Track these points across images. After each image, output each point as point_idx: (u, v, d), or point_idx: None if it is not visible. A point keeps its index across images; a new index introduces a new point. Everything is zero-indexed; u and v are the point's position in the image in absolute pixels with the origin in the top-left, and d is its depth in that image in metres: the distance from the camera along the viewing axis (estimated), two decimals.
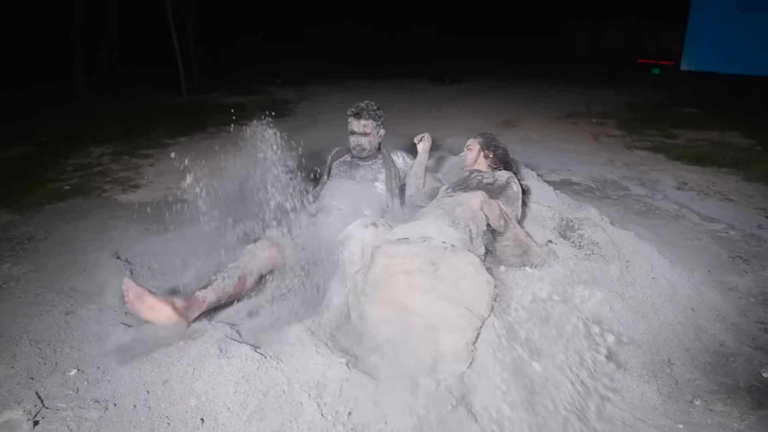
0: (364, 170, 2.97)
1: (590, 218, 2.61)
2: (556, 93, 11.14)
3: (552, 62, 19.47)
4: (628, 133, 6.65)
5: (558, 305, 1.89)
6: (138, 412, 1.58)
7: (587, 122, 7.53)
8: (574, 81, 13.65)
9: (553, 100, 9.89)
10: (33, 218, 3.48)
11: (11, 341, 2.01)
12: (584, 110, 8.66)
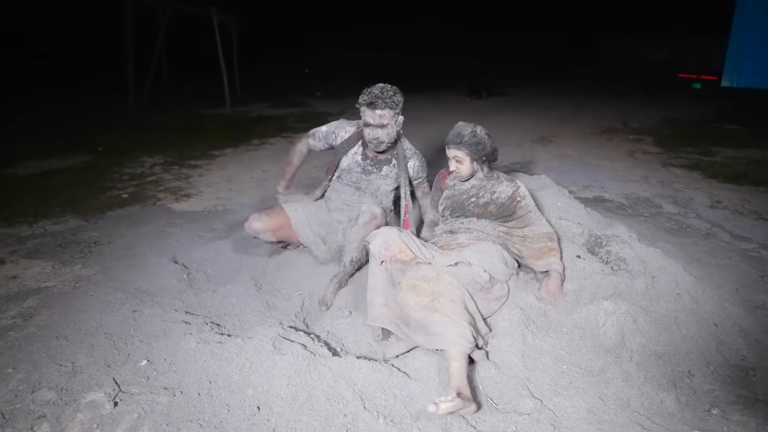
0: (377, 179, 2.81)
1: (618, 235, 2.72)
2: (593, 108, 11.15)
3: (590, 76, 19.35)
4: (665, 150, 6.66)
5: None
6: (202, 399, 1.79)
7: (624, 138, 7.56)
8: (612, 95, 13.60)
9: (590, 115, 9.92)
10: (97, 224, 3.79)
11: (88, 334, 2.26)
12: (621, 126, 8.68)
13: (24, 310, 2.55)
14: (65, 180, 5.13)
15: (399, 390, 1.82)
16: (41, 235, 3.60)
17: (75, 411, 1.78)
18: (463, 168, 2.44)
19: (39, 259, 3.18)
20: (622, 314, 2.11)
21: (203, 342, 1.98)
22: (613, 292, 2.26)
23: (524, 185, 2.54)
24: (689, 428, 1.76)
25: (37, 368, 2.03)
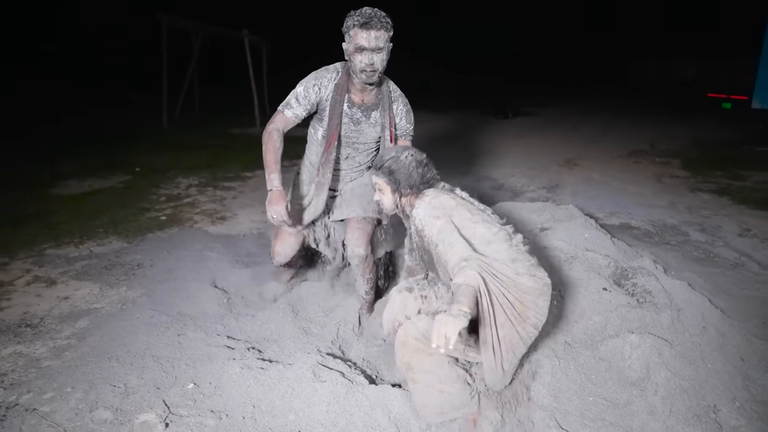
0: (368, 129, 2.49)
1: (644, 267, 2.78)
2: (620, 128, 11.13)
3: (618, 94, 19.26)
4: (693, 174, 6.64)
5: None
6: (246, 423, 1.91)
7: (651, 161, 7.55)
8: (639, 115, 13.54)
9: (617, 136, 9.91)
10: (139, 246, 3.97)
11: (138, 356, 2.41)
12: (648, 148, 8.66)
13: (77, 330, 2.73)
14: (106, 200, 5.36)
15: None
16: (88, 256, 3.79)
17: (130, 431, 1.92)
18: (384, 200, 2.09)
19: (87, 281, 3.36)
20: (648, 348, 2.17)
21: (246, 368, 2.11)
22: (638, 325, 2.33)
23: (424, 205, 1.94)
24: None
25: (93, 388, 2.18)
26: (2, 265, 3.63)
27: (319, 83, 2.38)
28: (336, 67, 2.42)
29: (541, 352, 2.20)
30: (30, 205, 5.10)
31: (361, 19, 2.17)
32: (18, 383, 2.26)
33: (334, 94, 2.37)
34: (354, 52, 2.23)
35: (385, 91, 2.47)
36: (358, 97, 2.42)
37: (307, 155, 2.70)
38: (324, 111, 2.43)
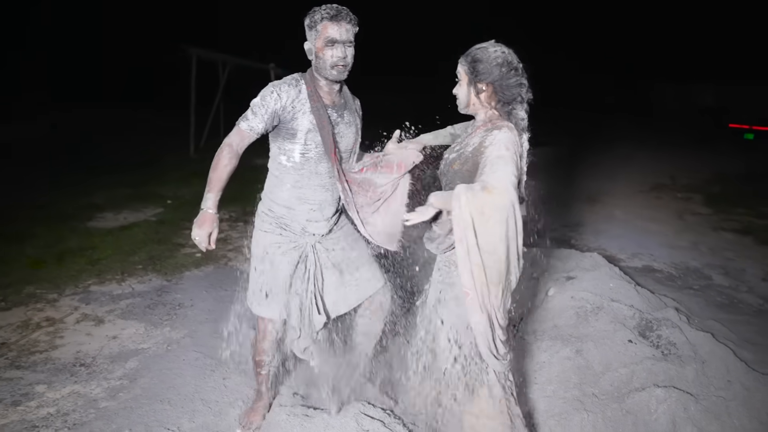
0: (346, 130, 2.26)
1: (669, 318, 2.88)
2: (641, 159, 11.17)
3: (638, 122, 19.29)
4: (715, 212, 6.69)
5: None
6: None
7: (672, 197, 7.61)
8: (660, 144, 13.56)
9: (638, 169, 9.96)
10: (178, 285, 4.17)
11: (187, 399, 2.57)
12: (669, 182, 8.71)
13: (128, 371, 2.90)
14: (142, 235, 5.59)
15: None
16: (131, 294, 3.99)
17: None
18: (460, 90, 1.97)
19: (132, 320, 3.55)
20: (674, 402, 2.27)
21: (293, 415, 2.25)
22: (664, 378, 2.43)
23: (508, 132, 1.83)
24: None
25: (149, 431, 2.34)
26: (52, 302, 3.85)
27: (276, 91, 2.11)
28: (293, 77, 2.18)
29: (570, 404, 2.31)
30: (71, 239, 5.35)
31: (330, 11, 2.07)
32: (80, 423, 2.44)
33: (311, 103, 2.13)
34: (323, 47, 2.07)
35: (345, 90, 2.32)
36: (328, 98, 2.21)
37: (271, 198, 2.27)
38: (293, 122, 2.13)
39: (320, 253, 2.29)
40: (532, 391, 2.45)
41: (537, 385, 2.47)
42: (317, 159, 2.18)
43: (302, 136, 2.14)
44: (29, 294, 3.99)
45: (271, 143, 2.24)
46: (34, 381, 2.82)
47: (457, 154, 1.95)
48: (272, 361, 2.39)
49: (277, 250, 2.23)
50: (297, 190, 2.21)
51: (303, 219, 2.24)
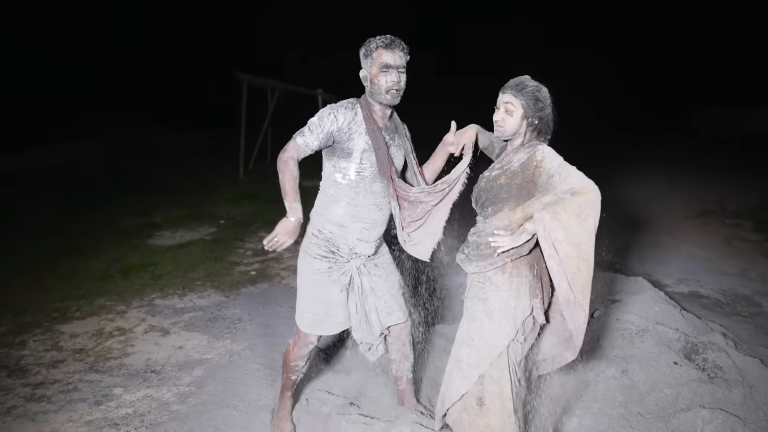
0: (396, 152, 2.39)
1: (715, 342, 2.92)
2: (686, 185, 11.00)
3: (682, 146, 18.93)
4: (766, 239, 6.58)
5: None
6: None
7: (720, 223, 7.50)
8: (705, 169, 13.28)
9: (683, 194, 9.83)
10: (236, 300, 4.41)
11: (252, 406, 2.78)
12: (717, 208, 8.57)
13: (194, 379, 3.13)
14: (199, 253, 5.90)
15: None
16: (192, 308, 4.26)
17: None
18: (510, 121, 2.08)
19: (195, 332, 3.80)
20: (720, 423, 2.33)
21: (352, 423, 2.41)
22: (710, 400, 2.48)
23: (550, 150, 2.06)
24: None
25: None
26: (121, 313, 4.15)
27: (333, 113, 2.26)
28: (350, 101, 2.33)
29: (616, 421, 2.40)
30: (134, 255, 5.70)
31: (385, 41, 2.23)
32: (155, 423, 2.66)
33: (367, 125, 2.27)
34: (378, 73, 2.22)
35: (395, 116, 2.46)
36: (381, 123, 2.35)
37: (324, 216, 2.39)
38: (350, 143, 2.27)
39: (363, 276, 2.45)
40: (578, 408, 2.55)
41: (583, 402, 2.57)
42: (371, 178, 2.31)
43: (358, 155, 2.27)
44: (100, 305, 4.31)
45: (326, 162, 2.37)
46: (112, 384, 3.08)
47: (501, 171, 2.12)
48: (303, 368, 2.58)
49: (327, 278, 2.39)
50: (352, 207, 2.33)
51: (354, 238, 2.36)
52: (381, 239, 2.50)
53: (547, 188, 1.95)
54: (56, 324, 3.94)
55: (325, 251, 2.38)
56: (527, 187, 2.05)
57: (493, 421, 2.09)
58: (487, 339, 2.11)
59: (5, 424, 2.70)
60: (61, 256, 5.58)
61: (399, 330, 2.58)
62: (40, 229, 6.63)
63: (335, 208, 2.35)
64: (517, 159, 2.09)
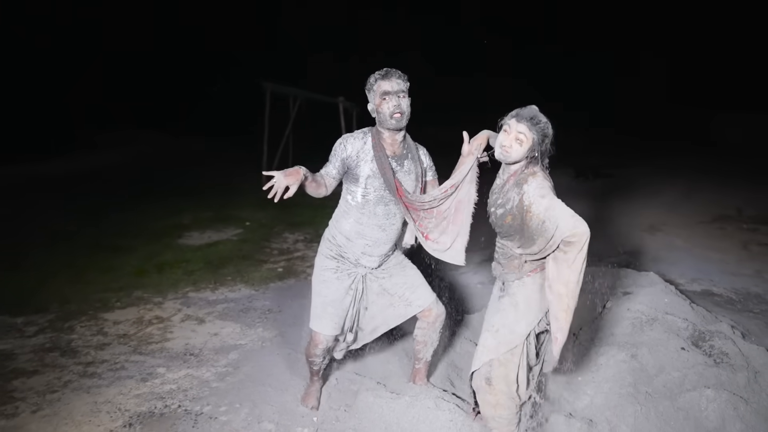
0: (404, 177, 2.57)
1: (722, 331, 3.07)
2: (704, 191, 11.02)
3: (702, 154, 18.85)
4: None
5: None
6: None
7: (737, 228, 7.56)
8: (725, 177, 13.25)
9: (701, 200, 9.87)
10: (265, 294, 4.66)
11: (285, 384, 3.01)
12: (735, 214, 8.62)
13: (230, 361, 3.37)
14: (227, 251, 6.18)
15: None
16: (224, 300, 4.51)
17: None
18: (518, 150, 2.21)
19: (229, 321, 4.05)
20: (724, 402, 2.49)
21: (379, 397, 2.62)
22: (715, 382, 2.64)
23: (534, 181, 2.22)
24: None
25: (256, 406, 2.78)
26: (158, 304, 4.42)
27: (343, 143, 2.54)
28: (362, 130, 2.59)
29: (625, 399, 2.57)
30: (166, 253, 6.00)
31: (381, 72, 2.47)
32: (198, 398, 2.91)
33: (375, 153, 2.50)
34: (380, 102, 2.44)
35: (408, 141, 2.65)
36: (390, 149, 2.55)
37: (337, 227, 2.68)
38: (357, 169, 2.52)
39: (370, 282, 2.71)
40: (589, 388, 2.73)
41: (594, 383, 2.74)
42: (375, 201, 2.55)
43: (363, 180, 2.52)
44: (138, 297, 4.58)
45: (343, 183, 2.64)
46: (155, 365, 3.34)
47: (504, 210, 2.29)
48: (323, 362, 2.81)
49: (333, 274, 2.65)
50: (358, 225, 2.59)
51: (358, 251, 2.63)
52: (386, 255, 2.72)
53: (542, 233, 2.14)
54: (99, 312, 4.22)
55: (335, 254, 2.67)
56: (525, 226, 2.23)
57: (501, 399, 2.29)
58: (511, 327, 2.32)
59: (64, 395, 2.96)
60: (98, 252, 5.90)
61: (434, 318, 2.76)
62: (75, 229, 6.97)
63: (345, 222, 2.63)
64: (511, 198, 2.26)
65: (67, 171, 12.02)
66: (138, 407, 2.84)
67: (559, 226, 2.07)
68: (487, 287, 4.76)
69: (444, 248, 2.58)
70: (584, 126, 23.42)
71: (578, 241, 2.05)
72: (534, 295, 2.31)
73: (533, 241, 2.20)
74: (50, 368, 3.29)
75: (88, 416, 2.76)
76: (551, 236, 2.10)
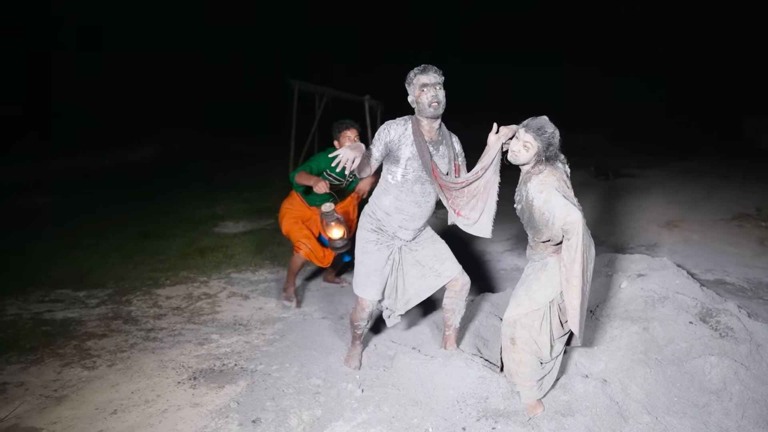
0: (439, 161, 2.90)
1: (729, 309, 3.32)
2: (725, 191, 11.13)
3: (725, 156, 18.81)
4: None
5: None
6: (417, 393, 2.74)
7: (755, 225, 7.72)
8: (747, 179, 13.32)
9: (721, 200, 10.00)
10: (303, 275, 5.01)
11: (329, 348, 3.36)
12: (755, 213, 8.76)
13: (276, 330, 3.73)
14: (262, 239, 6.55)
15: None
16: (265, 280, 4.88)
17: (338, 392, 2.81)
18: (525, 155, 2.57)
19: (271, 297, 4.41)
20: (726, 367, 2.76)
21: (415, 359, 2.95)
22: (719, 351, 2.90)
23: (537, 182, 2.57)
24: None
25: (305, 366, 3.13)
26: (204, 282, 4.80)
27: (387, 128, 2.85)
28: (403, 118, 2.89)
29: (636, 364, 2.86)
30: (205, 240, 6.40)
31: (419, 68, 2.80)
32: (252, 359, 3.26)
33: (415, 138, 2.81)
34: (419, 93, 2.75)
35: (444, 129, 2.96)
36: (428, 135, 2.86)
37: (377, 203, 2.98)
38: (398, 152, 2.83)
39: (405, 254, 3.05)
40: (604, 355, 3.01)
41: (609, 351, 3.03)
42: (413, 181, 2.86)
43: (404, 162, 2.84)
44: (185, 276, 4.97)
45: (383, 165, 2.96)
46: (209, 332, 3.70)
47: (521, 205, 2.66)
48: (366, 326, 3.16)
49: (374, 246, 2.99)
50: (397, 201, 2.90)
51: (396, 225, 2.94)
52: (419, 230, 3.05)
53: (545, 223, 2.50)
54: (152, 288, 4.62)
55: (375, 227, 3.00)
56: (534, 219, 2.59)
57: (525, 358, 2.61)
58: (531, 296, 2.64)
59: (133, 354, 3.35)
60: (143, 239, 6.33)
61: (460, 287, 3.09)
62: (120, 217, 7.42)
63: (385, 199, 2.94)
64: (523, 192, 2.63)
65: (103, 165, 12.59)
66: (199, 365, 3.21)
67: (556, 215, 2.44)
68: (508, 273, 5.07)
69: (473, 222, 2.91)
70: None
71: (572, 228, 2.40)
72: (554, 271, 2.62)
73: (540, 231, 2.58)
74: (116, 333, 3.68)
75: (157, 371, 3.14)
76: (552, 225, 2.48)
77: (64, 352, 3.38)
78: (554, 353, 2.69)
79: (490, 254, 5.71)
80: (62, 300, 4.32)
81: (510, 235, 6.30)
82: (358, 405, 2.68)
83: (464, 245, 5.65)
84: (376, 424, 2.52)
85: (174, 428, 2.57)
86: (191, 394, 2.88)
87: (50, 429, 2.59)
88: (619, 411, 2.61)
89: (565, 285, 2.49)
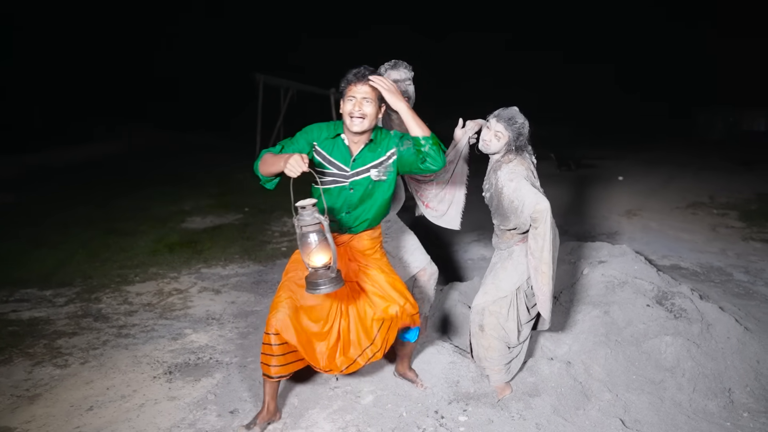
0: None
1: (682, 292, 3.53)
2: (681, 180, 11.57)
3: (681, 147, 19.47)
4: (748, 225, 7.16)
5: None
6: (390, 379, 2.83)
7: (708, 213, 8.09)
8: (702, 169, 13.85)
9: (677, 189, 10.41)
10: (272, 269, 5.05)
11: None
12: (708, 201, 9.16)
13: (250, 323, 3.77)
14: (231, 234, 6.54)
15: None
16: (236, 275, 4.90)
17: (313, 381, 2.88)
18: (496, 144, 2.63)
19: (243, 292, 4.44)
20: (679, 346, 2.94)
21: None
22: (673, 332, 3.09)
23: (507, 170, 2.65)
24: (723, 422, 2.57)
25: None
26: (175, 278, 4.79)
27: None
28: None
29: (598, 345, 3.01)
30: (173, 236, 6.35)
31: (390, 64, 2.91)
32: (226, 352, 3.30)
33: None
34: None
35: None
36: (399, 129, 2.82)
37: None
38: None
39: None
40: (567, 338, 3.16)
41: (572, 334, 3.18)
42: None
43: None
44: (154, 272, 4.94)
45: None
46: (182, 327, 3.72)
47: (489, 193, 2.75)
48: None
49: None
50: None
51: None
52: (388, 221, 3.04)
53: (513, 210, 2.59)
54: (121, 285, 4.58)
55: None
56: (501, 206, 2.68)
57: (493, 343, 2.73)
58: (498, 284, 2.75)
59: (105, 351, 3.34)
60: (109, 235, 6.24)
61: (428, 276, 3.19)
62: (84, 215, 7.29)
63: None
64: (493, 180, 2.70)
65: (65, 161, 12.27)
66: (174, 359, 3.23)
67: (525, 203, 2.55)
68: (476, 263, 5.21)
69: (441, 214, 3.01)
70: None
71: (541, 216, 2.52)
72: (520, 260, 2.74)
73: (508, 219, 2.66)
74: (87, 330, 3.65)
75: (132, 366, 3.14)
76: (521, 213, 2.57)
77: (34, 351, 3.35)
78: (521, 338, 2.81)
79: (458, 244, 5.84)
80: (28, 299, 4.25)
81: (477, 226, 6.44)
82: (333, 393, 2.76)
83: (433, 236, 5.77)
84: (351, 410, 2.61)
85: (152, 422, 2.59)
86: (168, 388, 2.90)
87: (24, 428, 2.58)
88: (582, 390, 2.76)
89: (533, 273, 2.60)
